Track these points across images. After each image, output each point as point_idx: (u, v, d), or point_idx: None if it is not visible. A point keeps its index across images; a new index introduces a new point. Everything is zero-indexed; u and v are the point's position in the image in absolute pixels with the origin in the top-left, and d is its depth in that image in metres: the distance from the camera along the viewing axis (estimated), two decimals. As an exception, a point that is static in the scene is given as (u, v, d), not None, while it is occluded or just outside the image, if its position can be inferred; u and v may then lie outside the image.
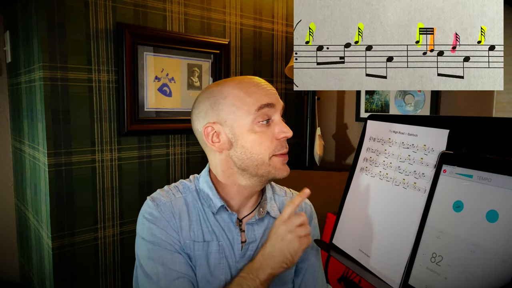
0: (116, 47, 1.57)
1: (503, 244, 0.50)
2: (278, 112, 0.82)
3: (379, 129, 0.80)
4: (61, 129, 1.47)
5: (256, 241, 0.85)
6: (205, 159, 0.91)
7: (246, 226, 0.86)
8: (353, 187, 0.83)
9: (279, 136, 0.80)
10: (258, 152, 0.79)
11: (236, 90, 0.80)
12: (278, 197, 0.94)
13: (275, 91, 0.83)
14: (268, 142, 0.79)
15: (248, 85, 0.81)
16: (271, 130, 0.80)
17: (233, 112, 0.80)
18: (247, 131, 0.79)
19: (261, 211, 0.87)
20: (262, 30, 2.07)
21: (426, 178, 0.66)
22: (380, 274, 0.68)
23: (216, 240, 0.82)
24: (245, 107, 0.79)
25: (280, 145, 0.81)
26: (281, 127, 0.81)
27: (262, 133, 0.79)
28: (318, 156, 2.00)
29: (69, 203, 1.50)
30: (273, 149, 0.80)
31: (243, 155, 0.80)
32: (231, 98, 0.80)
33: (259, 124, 0.79)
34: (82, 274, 1.55)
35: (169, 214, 0.82)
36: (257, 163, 0.80)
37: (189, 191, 0.87)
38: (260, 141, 0.79)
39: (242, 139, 0.80)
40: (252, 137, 0.79)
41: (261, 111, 0.79)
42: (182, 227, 0.82)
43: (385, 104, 1.97)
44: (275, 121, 0.81)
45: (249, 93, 0.80)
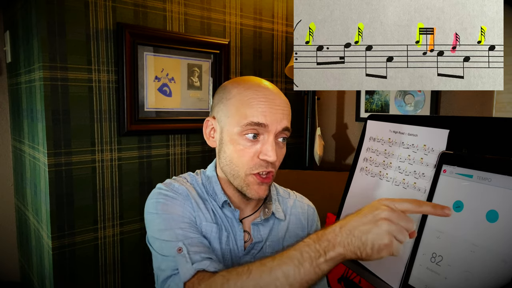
0: (116, 47, 1.57)
1: (503, 244, 0.50)
2: (271, 133, 0.76)
3: (379, 129, 0.80)
4: (61, 129, 1.47)
5: (262, 241, 0.86)
6: (205, 159, 0.92)
7: (252, 226, 0.86)
8: (353, 187, 0.83)
9: (260, 156, 0.76)
10: (236, 163, 0.78)
11: (240, 96, 0.78)
12: (282, 199, 0.94)
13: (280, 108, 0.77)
14: (247, 158, 0.77)
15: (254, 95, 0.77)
16: (255, 147, 0.76)
17: (227, 117, 0.79)
18: (231, 140, 0.78)
19: (267, 211, 0.87)
20: (262, 30, 2.07)
21: (426, 178, 0.66)
22: (380, 274, 0.68)
23: (225, 230, 0.83)
24: (237, 117, 0.77)
25: (259, 165, 0.77)
26: (266, 148, 0.76)
27: (243, 147, 0.77)
28: (318, 156, 2.00)
29: (69, 203, 1.50)
30: (250, 167, 0.77)
31: (224, 160, 0.81)
32: (232, 102, 0.79)
33: (245, 138, 0.76)
34: (82, 274, 1.55)
35: (185, 195, 0.82)
36: (233, 173, 0.80)
37: (196, 183, 0.87)
38: (240, 155, 0.77)
39: (226, 145, 0.80)
40: (233, 148, 0.78)
41: (249, 127, 0.75)
42: (200, 208, 0.81)
43: (385, 104, 1.97)
44: (264, 140, 0.77)
45: (249, 104, 0.76)
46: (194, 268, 0.68)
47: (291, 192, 0.98)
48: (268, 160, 0.76)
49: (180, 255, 0.71)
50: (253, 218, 0.87)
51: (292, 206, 0.94)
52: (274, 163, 0.78)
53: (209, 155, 1.89)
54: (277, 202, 0.92)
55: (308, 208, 0.97)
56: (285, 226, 0.90)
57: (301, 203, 0.96)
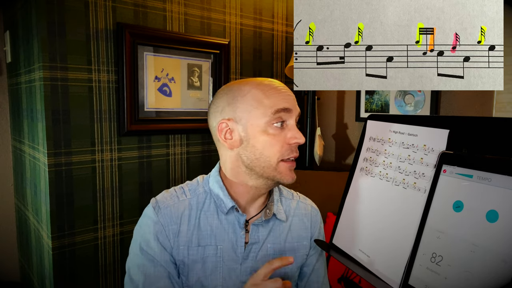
0: (116, 47, 1.57)
1: (503, 244, 0.50)
2: (293, 117, 0.81)
3: (379, 129, 0.80)
4: (61, 129, 1.47)
5: (259, 243, 0.85)
6: (205, 159, 0.92)
7: (252, 226, 0.85)
8: (353, 187, 0.83)
9: (291, 141, 0.80)
10: (267, 154, 0.79)
11: (255, 90, 0.80)
12: (285, 200, 0.94)
13: (293, 96, 0.83)
14: (279, 146, 0.79)
15: (268, 87, 0.81)
16: (283, 134, 0.80)
17: (249, 111, 0.80)
18: (260, 132, 0.79)
19: (268, 212, 0.86)
20: (262, 30, 2.07)
21: (426, 178, 0.66)
22: (380, 274, 0.68)
23: (214, 244, 0.82)
24: (262, 108, 0.79)
25: (290, 150, 0.80)
26: (294, 132, 0.80)
27: (274, 135, 0.79)
28: (318, 156, 2.00)
29: (69, 203, 1.50)
30: (282, 153, 0.79)
31: (252, 155, 0.80)
32: (249, 97, 0.80)
33: (273, 127, 0.79)
34: (82, 274, 1.55)
35: (168, 218, 0.82)
36: (264, 165, 0.80)
37: (195, 193, 0.87)
38: (272, 144, 0.79)
39: (254, 139, 0.80)
40: (264, 139, 0.79)
41: (277, 115, 0.79)
42: (181, 231, 0.82)
43: (385, 104, 1.97)
44: (289, 126, 0.81)
45: (268, 95, 0.80)
46: None
47: (295, 193, 0.98)
48: (299, 142, 0.80)
49: None
50: (255, 218, 0.87)
51: (295, 207, 0.93)
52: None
53: (209, 155, 1.89)
54: (280, 202, 0.91)
55: (312, 209, 0.96)
56: (286, 227, 0.90)
57: (304, 204, 0.96)
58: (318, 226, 0.96)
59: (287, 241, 0.89)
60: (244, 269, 0.83)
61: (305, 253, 0.92)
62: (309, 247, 0.93)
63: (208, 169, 0.92)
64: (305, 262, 0.93)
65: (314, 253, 0.94)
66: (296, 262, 0.90)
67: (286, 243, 0.89)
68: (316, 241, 0.89)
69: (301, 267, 0.94)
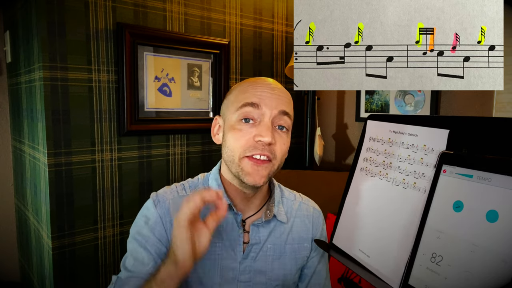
0: (116, 47, 1.57)
1: (503, 244, 0.50)
2: (266, 115, 0.78)
3: (379, 129, 0.80)
4: (61, 129, 1.47)
5: (260, 243, 0.85)
6: (205, 159, 0.92)
7: (252, 227, 0.85)
8: (353, 187, 0.83)
9: (255, 138, 0.77)
10: (232, 148, 0.79)
11: (239, 87, 0.83)
12: (287, 201, 0.93)
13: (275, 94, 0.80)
14: (243, 141, 0.78)
15: (249, 83, 0.82)
16: (251, 131, 0.78)
17: (228, 107, 0.83)
18: (230, 127, 0.80)
19: (268, 213, 0.86)
20: (262, 30, 2.07)
21: (426, 178, 0.66)
22: (380, 274, 0.68)
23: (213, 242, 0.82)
24: (235, 104, 0.80)
25: (254, 147, 0.77)
26: (260, 129, 0.77)
27: (239, 131, 0.78)
28: (318, 156, 2.00)
29: (69, 203, 1.50)
30: (245, 149, 0.77)
31: (226, 149, 0.82)
32: (232, 94, 0.84)
33: (240, 122, 0.79)
34: (82, 274, 1.55)
35: (166, 211, 0.82)
36: (231, 160, 0.80)
37: (194, 190, 0.87)
38: (236, 138, 0.78)
39: (226, 133, 0.82)
40: (232, 133, 0.80)
41: (243, 109, 0.78)
42: None
43: (385, 104, 1.96)
44: (261, 123, 0.78)
45: (245, 91, 0.81)
46: None
47: (297, 194, 0.97)
48: (263, 140, 0.76)
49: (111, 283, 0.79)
50: (254, 218, 0.87)
51: (297, 209, 0.93)
52: (272, 148, 0.78)
53: (209, 155, 1.89)
54: (281, 204, 0.90)
55: (314, 211, 0.96)
56: (287, 229, 0.89)
57: (306, 205, 0.95)
58: (320, 227, 0.95)
59: (287, 242, 0.88)
60: (242, 268, 0.83)
61: (305, 255, 0.91)
62: (310, 249, 0.92)
63: (208, 169, 0.92)
64: (306, 264, 0.93)
65: (315, 255, 0.93)
66: (296, 264, 0.90)
67: (287, 244, 0.88)
68: (316, 241, 0.89)
69: (302, 269, 0.93)
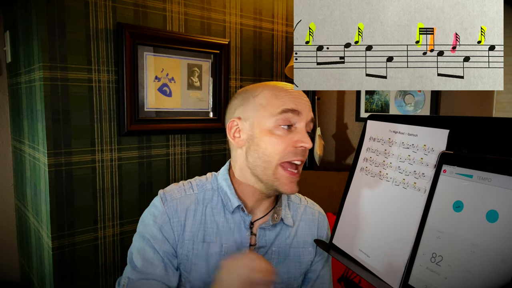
0: (116, 47, 1.57)
1: (503, 244, 0.50)
2: (303, 121, 0.80)
3: (379, 129, 0.80)
4: (61, 129, 1.47)
5: (266, 247, 0.85)
6: (205, 159, 0.92)
7: (259, 230, 0.85)
8: (353, 187, 0.82)
9: (297, 144, 0.78)
10: (269, 154, 0.79)
11: (267, 91, 0.82)
12: (293, 204, 0.93)
13: (306, 101, 0.83)
14: (283, 147, 0.78)
15: (279, 89, 0.82)
16: (290, 136, 0.79)
17: (258, 111, 0.81)
18: (266, 131, 0.79)
19: (275, 217, 0.86)
20: (262, 30, 2.07)
21: (426, 178, 0.66)
22: (380, 274, 0.68)
23: (219, 242, 0.82)
24: (270, 108, 0.79)
25: (294, 153, 0.78)
26: (301, 136, 0.79)
27: (279, 136, 0.79)
28: (318, 156, 2.00)
29: (69, 203, 1.50)
30: (285, 154, 0.78)
31: (255, 153, 0.80)
32: (260, 97, 0.82)
33: (280, 128, 0.79)
34: (82, 274, 1.55)
35: (174, 211, 0.82)
36: (264, 165, 0.79)
37: (202, 189, 0.87)
38: (275, 143, 0.78)
39: (259, 138, 0.80)
40: (269, 138, 0.79)
41: (284, 115, 0.78)
42: (186, 225, 0.82)
43: (385, 104, 1.96)
44: (297, 129, 0.80)
45: (278, 96, 0.80)
46: None
47: (303, 198, 0.97)
48: (305, 146, 0.78)
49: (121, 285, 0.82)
50: (262, 221, 0.86)
51: (302, 213, 0.93)
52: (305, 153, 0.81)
53: (209, 155, 1.89)
54: (287, 207, 0.90)
55: (319, 215, 0.96)
56: (293, 233, 0.89)
57: (312, 209, 0.95)
58: (325, 232, 0.95)
59: (292, 246, 0.88)
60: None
61: (310, 259, 0.91)
62: (314, 254, 0.92)
63: (208, 169, 0.92)
64: (310, 268, 0.93)
65: (320, 259, 0.94)
66: (300, 268, 0.90)
67: (291, 248, 0.88)
68: (316, 240, 0.89)
69: (306, 273, 0.93)
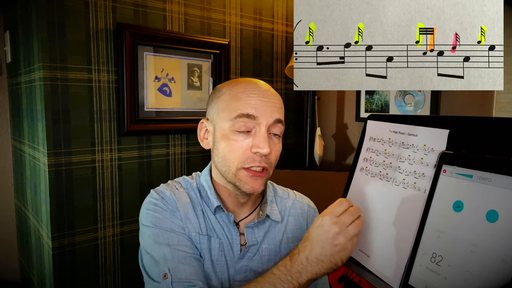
0: (116, 47, 1.57)
1: (503, 244, 0.50)
2: (262, 125, 0.75)
3: (379, 129, 0.80)
4: (61, 129, 1.47)
5: (257, 244, 0.84)
6: (205, 159, 0.92)
7: (246, 229, 0.84)
8: (353, 187, 0.82)
9: (252, 150, 0.75)
10: (228, 159, 0.77)
11: (228, 92, 0.79)
12: (280, 199, 0.92)
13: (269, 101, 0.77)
14: (239, 153, 0.76)
15: (240, 89, 0.78)
16: (247, 141, 0.76)
17: (218, 114, 0.79)
18: (223, 136, 0.78)
19: (261, 214, 0.85)
20: (262, 30, 2.07)
21: (426, 178, 0.66)
22: (380, 274, 0.68)
23: (216, 237, 0.82)
24: (228, 112, 0.77)
25: (252, 159, 0.75)
26: (258, 141, 0.75)
27: (235, 142, 0.76)
28: (318, 156, 2.00)
29: (69, 203, 1.50)
30: (242, 161, 0.76)
31: (217, 157, 0.80)
32: (221, 99, 0.80)
33: (236, 133, 0.76)
34: (82, 274, 1.55)
35: (174, 206, 0.81)
36: (225, 169, 0.79)
37: (191, 187, 0.86)
38: (231, 150, 0.76)
39: (218, 142, 0.79)
40: (225, 144, 0.77)
41: (239, 120, 0.75)
42: (189, 218, 0.81)
43: (385, 104, 1.96)
44: (257, 133, 0.76)
45: (237, 98, 0.77)
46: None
47: (291, 192, 0.96)
48: (261, 152, 0.74)
49: (165, 282, 0.72)
50: (248, 220, 0.86)
51: (290, 207, 0.91)
52: (268, 158, 0.77)
53: (209, 155, 1.89)
54: (274, 203, 0.89)
55: (309, 208, 0.94)
56: (282, 228, 0.88)
57: (300, 203, 0.94)
58: None
59: (282, 241, 0.87)
60: (238, 268, 0.82)
61: None
62: None
63: (208, 169, 0.92)
64: None
65: None
66: None
67: (282, 243, 0.87)
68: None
69: None
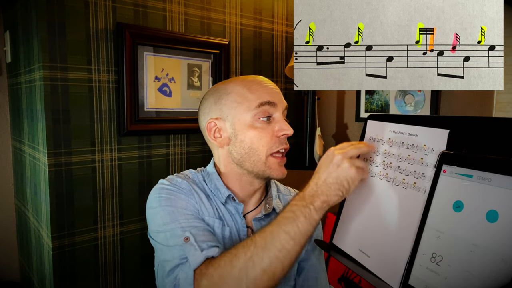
0: (116, 47, 1.57)
1: (503, 244, 0.50)
2: (279, 110, 0.83)
3: (379, 129, 0.80)
4: (61, 129, 1.47)
5: None
6: (205, 159, 0.93)
7: (254, 222, 0.87)
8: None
9: (279, 134, 0.81)
10: (256, 148, 0.81)
11: (239, 87, 0.83)
12: (283, 196, 0.96)
13: (278, 90, 0.85)
14: (267, 138, 0.81)
15: (251, 82, 0.83)
16: (271, 127, 0.82)
17: (235, 108, 0.82)
18: (247, 127, 0.81)
19: (267, 207, 0.88)
20: (262, 30, 2.07)
21: (426, 178, 0.66)
22: (380, 274, 0.68)
23: (227, 226, 0.84)
24: (246, 103, 0.81)
25: (279, 142, 0.82)
26: (281, 125, 0.82)
27: (261, 129, 0.81)
28: (318, 156, 2.00)
29: (69, 203, 1.50)
30: (271, 146, 0.81)
31: (242, 149, 0.82)
32: (233, 94, 0.83)
33: (260, 121, 0.81)
34: (82, 274, 1.55)
35: (188, 189, 0.83)
36: (254, 159, 0.81)
37: (198, 180, 0.88)
38: (260, 137, 0.81)
39: (242, 134, 0.82)
40: (252, 133, 0.81)
41: (262, 108, 0.81)
42: (203, 202, 0.83)
43: (385, 104, 1.96)
44: (276, 119, 0.83)
45: (252, 90, 0.82)
46: (204, 255, 0.69)
47: (292, 190, 1.00)
48: (287, 133, 0.81)
49: (188, 244, 0.72)
50: (254, 213, 0.88)
51: None
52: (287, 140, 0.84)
53: (209, 155, 1.88)
54: (278, 198, 0.93)
55: None
56: None
57: None
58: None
59: None
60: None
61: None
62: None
63: (208, 169, 0.92)
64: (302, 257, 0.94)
65: (310, 248, 0.95)
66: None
67: None
68: (316, 241, 0.89)
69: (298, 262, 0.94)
